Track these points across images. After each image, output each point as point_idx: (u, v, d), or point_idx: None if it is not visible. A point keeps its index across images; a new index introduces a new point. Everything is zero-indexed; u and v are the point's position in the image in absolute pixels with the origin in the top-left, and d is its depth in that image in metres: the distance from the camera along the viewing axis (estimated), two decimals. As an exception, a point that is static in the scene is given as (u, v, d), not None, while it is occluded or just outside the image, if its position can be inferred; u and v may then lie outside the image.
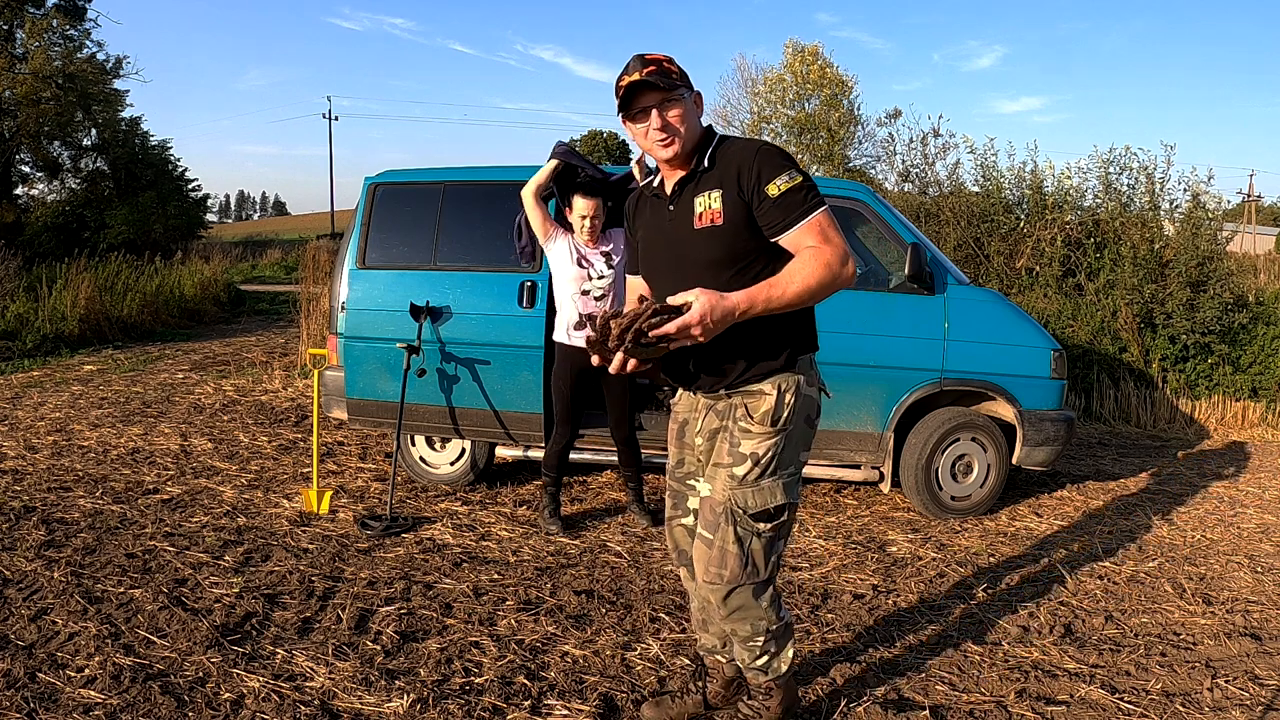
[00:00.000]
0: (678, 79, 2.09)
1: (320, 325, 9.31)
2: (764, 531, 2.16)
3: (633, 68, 2.07)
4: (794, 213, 2.02)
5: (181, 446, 5.63)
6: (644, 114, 2.09)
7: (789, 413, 2.14)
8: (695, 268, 2.11)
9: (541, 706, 2.59)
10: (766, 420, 2.12)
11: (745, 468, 2.13)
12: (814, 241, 2.01)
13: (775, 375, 2.14)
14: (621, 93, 2.07)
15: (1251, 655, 3.09)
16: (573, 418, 4.13)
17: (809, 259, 2.00)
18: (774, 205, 2.02)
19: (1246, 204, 40.21)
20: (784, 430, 2.14)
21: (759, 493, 2.13)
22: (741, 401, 2.16)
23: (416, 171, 4.99)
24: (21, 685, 2.60)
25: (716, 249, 2.09)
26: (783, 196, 2.02)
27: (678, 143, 2.09)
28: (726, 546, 2.16)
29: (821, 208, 2.03)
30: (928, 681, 2.82)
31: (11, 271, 10.89)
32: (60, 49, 21.42)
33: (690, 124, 2.11)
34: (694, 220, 2.11)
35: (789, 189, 2.02)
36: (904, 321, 4.47)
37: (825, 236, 2.02)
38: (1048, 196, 9.02)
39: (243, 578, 3.49)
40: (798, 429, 2.17)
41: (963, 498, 4.64)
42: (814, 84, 19.73)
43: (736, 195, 2.06)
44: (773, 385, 2.14)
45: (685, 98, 2.10)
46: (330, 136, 48.23)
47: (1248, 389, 7.79)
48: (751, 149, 2.08)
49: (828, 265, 1.99)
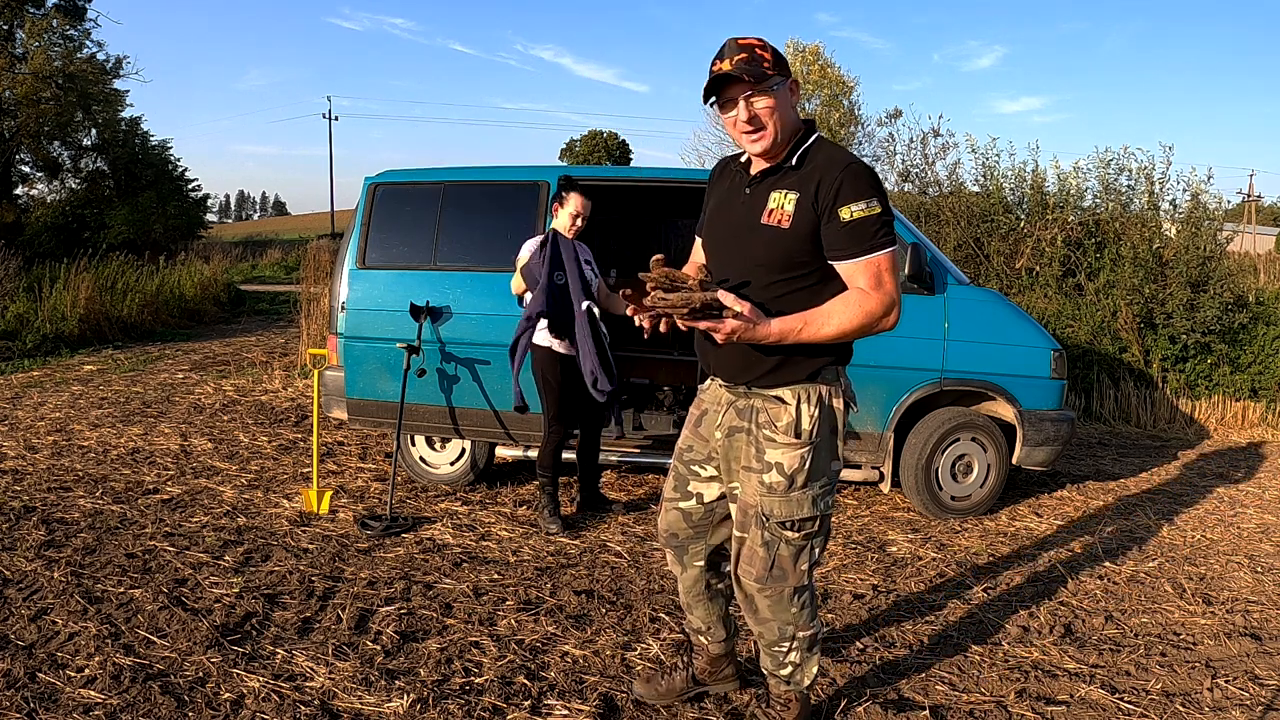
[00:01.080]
0: (770, 68, 1.99)
1: (320, 325, 9.31)
2: (792, 540, 2.15)
3: (726, 53, 2.00)
4: (859, 245, 1.97)
5: (181, 446, 5.63)
6: (731, 103, 2.02)
7: (812, 424, 2.11)
8: (749, 260, 2.08)
9: (541, 706, 2.59)
10: (790, 431, 2.10)
11: (773, 477, 2.12)
12: (865, 284, 1.98)
13: (797, 385, 2.12)
14: (710, 81, 2.00)
15: (1251, 655, 3.09)
16: (563, 416, 4.14)
17: (853, 303, 1.98)
18: (842, 229, 1.97)
19: (1246, 204, 40.20)
20: (810, 443, 2.11)
21: (786, 503, 2.13)
22: (763, 406, 2.15)
23: (416, 171, 4.99)
24: (21, 685, 2.60)
25: (775, 250, 2.05)
26: (854, 224, 1.96)
27: (766, 136, 2.03)
28: (755, 548, 2.18)
29: (888, 249, 1.98)
30: (928, 681, 2.82)
31: (11, 271, 10.89)
32: (60, 49, 21.43)
33: (783, 116, 2.02)
34: (763, 214, 2.06)
35: (862, 218, 1.96)
36: (904, 321, 4.45)
37: (879, 281, 1.98)
38: (1048, 196, 9.02)
39: (243, 578, 3.49)
40: (824, 440, 2.14)
41: (963, 498, 4.64)
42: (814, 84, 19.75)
43: (810, 204, 2.00)
44: (793, 394, 2.12)
45: (777, 89, 2.00)
46: (330, 136, 48.29)
47: (1248, 389, 7.79)
48: (842, 162, 2.01)
49: (870, 314, 1.98)
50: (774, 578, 2.18)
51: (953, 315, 4.47)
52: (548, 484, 4.21)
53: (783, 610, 2.21)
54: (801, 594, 2.22)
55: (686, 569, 2.46)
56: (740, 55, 1.98)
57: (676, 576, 2.52)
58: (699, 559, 2.44)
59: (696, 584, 2.47)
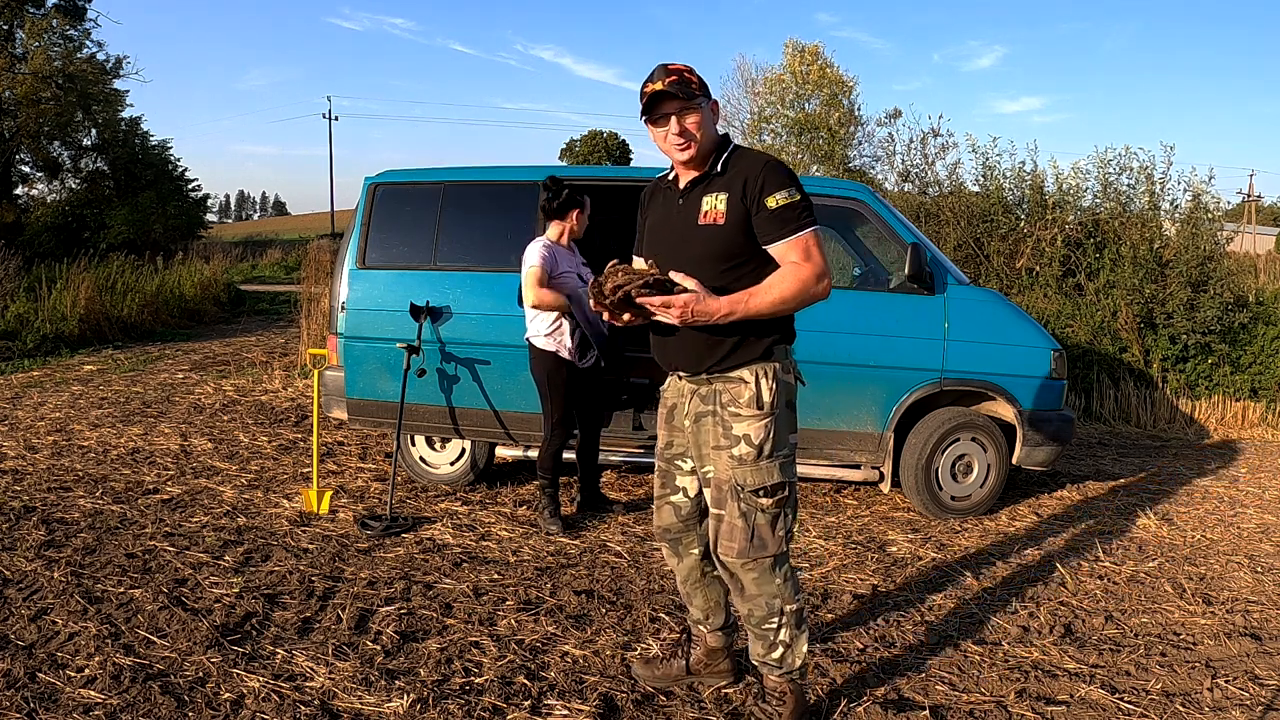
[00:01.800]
0: (697, 89, 2.26)
1: (320, 325, 9.31)
2: (767, 507, 2.30)
3: (656, 76, 2.26)
4: (786, 227, 2.21)
5: (181, 446, 5.63)
6: (664, 119, 2.26)
7: (772, 396, 2.29)
8: (692, 258, 2.28)
9: (541, 706, 2.59)
10: (753, 405, 2.28)
11: (742, 449, 2.29)
12: (796, 258, 2.21)
13: (752, 364, 2.30)
14: (645, 99, 2.26)
15: (1251, 655, 3.09)
16: (566, 420, 4.15)
17: (788, 274, 2.21)
18: (771, 215, 2.21)
19: (1246, 204, 40.20)
20: (772, 414, 2.29)
21: (758, 472, 2.29)
22: (724, 388, 2.32)
23: (416, 171, 4.99)
24: (21, 685, 2.60)
25: (714, 245, 2.27)
26: (780, 210, 2.20)
27: (694, 147, 2.27)
28: (734, 521, 2.31)
29: (811, 228, 2.23)
30: (928, 681, 2.82)
31: (11, 271, 10.90)
32: (60, 49, 21.43)
33: (706, 130, 2.28)
34: (699, 216, 2.29)
35: (786, 204, 2.20)
36: (904, 321, 4.47)
37: (808, 254, 2.22)
38: (1048, 197, 9.02)
39: (243, 578, 3.49)
40: (782, 412, 2.32)
41: (963, 498, 4.64)
42: (814, 84, 19.73)
43: (740, 200, 2.23)
44: (751, 373, 2.30)
45: (703, 107, 2.27)
46: (330, 136, 48.31)
47: (1248, 389, 7.79)
48: (761, 161, 2.26)
49: (803, 281, 2.21)
50: (755, 548, 2.31)
51: (953, 315, 4.47)
52: (548, 485, 4.22)
53: (768, 583, 2.34)
54: (782, 564, 2.36)
55: (683, 559, 2.60)
56: (671, 78, 2.24)
57: (674, 569, 2.65)
58: (694, 548, 2.58)
59: (693, 572, 2.60)
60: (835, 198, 4.77)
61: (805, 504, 4.82)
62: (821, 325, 4.47)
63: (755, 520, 2.30)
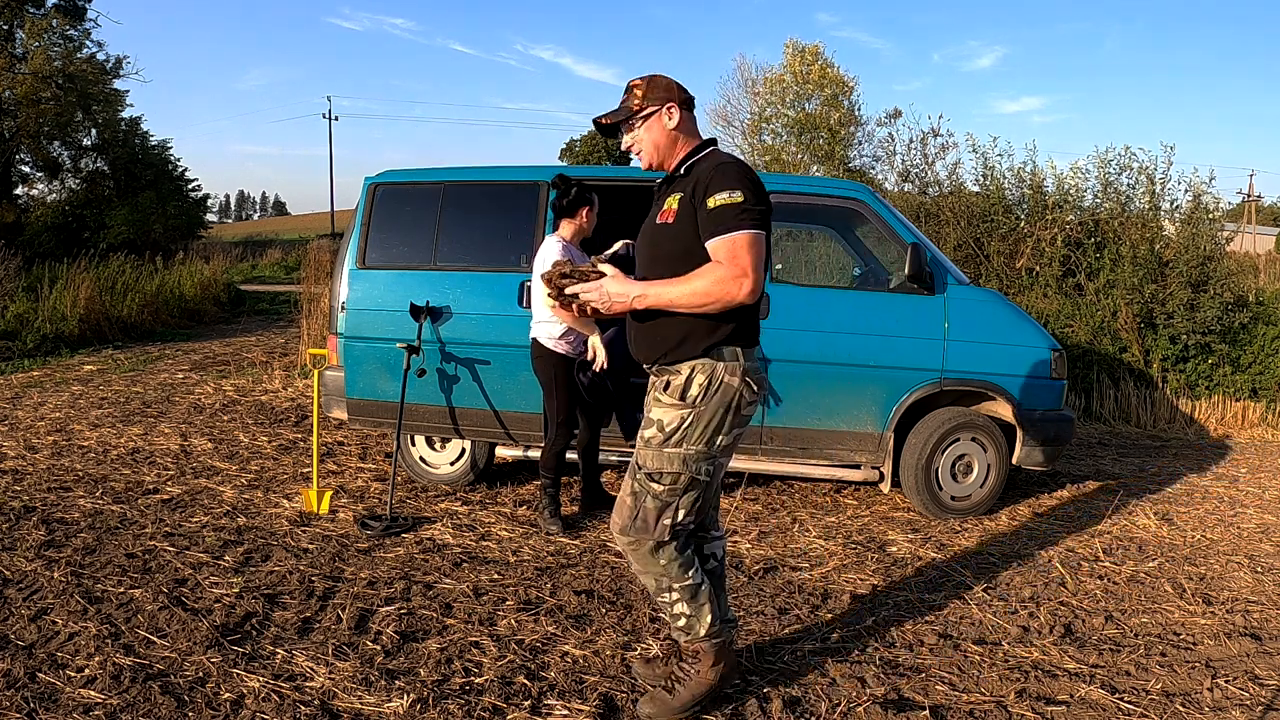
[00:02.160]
0: (639, 103, 2.39)
1: (320, 325, 9.31)
2: (657, 493, 2.36)
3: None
4: (718, 226, 2.24)
5: (181, 446, 5.63)
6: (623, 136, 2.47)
7: (698, 391, 2.32)
8: (655, 255, 2.40)
9: (541, 706, 2.59)
10: (676, 394, 2.35)
11: (651, 431, 2.38)
12: (721, 257, 2.24)
13: (693, 360, 2.34)
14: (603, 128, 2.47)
15: (1251, 655, 3.09)
16: (571, 420, 4.15)
17: (709, 271, 2.24)
18: (708, 214, 2.26)
19: (1246, 204, 40.19)
20: (692, 407, 2.33)
21: (657, 456, 2.36)
22: (666, 379, 2.40)
23: (416, 171, 4.99)
24: (21, 685, 2.60)
25: (666, 243, 2.36)
26: (717, 209, 2.24)
27: (645, 156, 2.44)
28: (624, 497, 2.43)
29: (745, 230, 2.22)
30: (928, 681, 2.82)
31: (11, 271, 10.90)
32: (60, 49, 21.41)
33: (654, 139, 2.41)
34: (660, 215, 2.40)
35: (724, 205, 2.24)
36: (904, 321, 4.47)
37: (733, 255, 2.22)
38: (1048, 196, 9.02)
39: (243, 578, 3.49)
40: (711, 410, 2.33)
41: (963, 498, 4.64)
42: (814, 84, 19.72)
43: (690, 200, 2.32)
44: (689, 367, 2.35)
45: (641, 124, 2.41)
46: (330, 136, 48.29)
47: (1248, 389, 7.79)
48: (714, 163, 2.32)
49: (720, 281, 2.22)
50: (635, 528, 2.39)
51: (953, 315, 4.47)
52: (549, 485, 4.21)
53: (651, 563, 2.41)
54: (664, 548, 2.40)
55: None
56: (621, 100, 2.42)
57: None
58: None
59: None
60: (835, 198, 4.77)
61: (805, 504, 4.82)
62: (822, 325, 4.47)
63: (644, 502, 2.37)
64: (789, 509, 4.71)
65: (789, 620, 3.26)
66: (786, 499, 4.90)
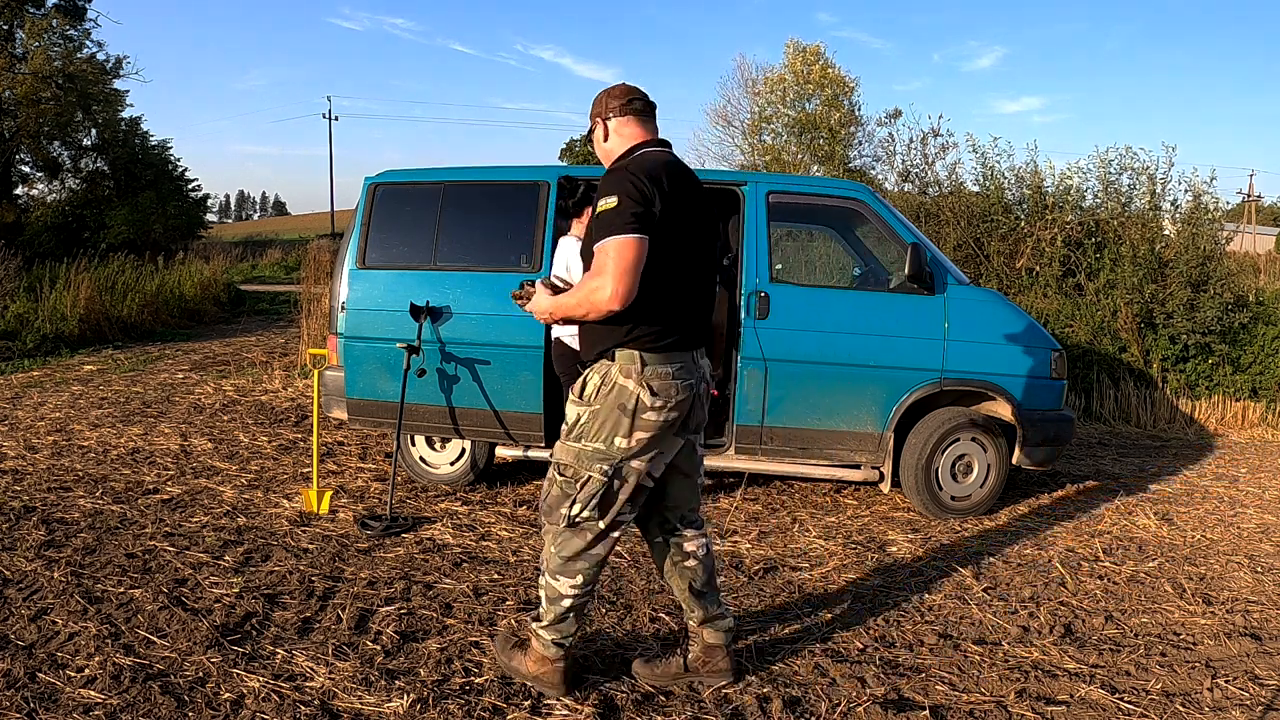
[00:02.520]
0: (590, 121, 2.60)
1: (320, 325, 9.31)
2: (558, 482, 2.48)
3: None
4: (597, 234, 2.31)
5: (181, 446, 5.63)
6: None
7: (594, 390, 2.43)
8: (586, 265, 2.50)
9: (541, 706, 2.59)
10: (577, 392, 2.48)
11: (564, 426, 2.52)
12: (596, 264, 2.31)
13: (598, 360, 2.46)
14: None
15: (1251, 655, 3.09)
16: None
17: (583, 281, 2.35)
18: (594, 220, 2.35)
19: (1246, 204, 40.21)
20: (587, 404, 2.43)
21: (562, 448, 2.49)
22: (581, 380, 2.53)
23: (416, 171, 4.99)
24: (21, 685, 2.60)
25: (586, 253, 2.44)
26: (596, 218, 2.33)
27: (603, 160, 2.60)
28: (547, 479, 2.54)
29: (615, 236, 2.26)
30: (928, 681, 2.82)
31: (11, 271, 10.90)
32: (60, 49, 21.42)
33: (599, 150, 2.60)
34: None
35: (601, 212, 2.31)
36: (904, 321, 4.47)
37: (599, 264, 2.28)
38: (1048, 197, 9.02)
39: (243, 578, 3.49)
40: (606, 410, 2.40)
41: (963, 498, 4.64)
42: (815, 84, 19.73)
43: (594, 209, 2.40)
44: (594, 367, 2.48)
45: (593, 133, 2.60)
46: (330, 136, 48.31)
47: (1248, 389, 7.79)
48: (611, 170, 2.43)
49: (589, 290, 2.30)
50: (545, 510, 2.53)
51: (953, 315, 4.47)
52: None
53: (551, 543, 2.52)
54: (563, 537, 2.48)
55: (652, 544, 2.73)
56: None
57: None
58: (656, 535, 2.69)
59: (663, 559, 2.70)
60: (835, 198, 4.77)
61: (805, 504, 4.82)
62: (821, 325, 4.47)
63: (552, 490, 2.50)
64: (789, 509, 4.71)
65: (789, 620, 3.26)
66: (786, 499, 4.90)
